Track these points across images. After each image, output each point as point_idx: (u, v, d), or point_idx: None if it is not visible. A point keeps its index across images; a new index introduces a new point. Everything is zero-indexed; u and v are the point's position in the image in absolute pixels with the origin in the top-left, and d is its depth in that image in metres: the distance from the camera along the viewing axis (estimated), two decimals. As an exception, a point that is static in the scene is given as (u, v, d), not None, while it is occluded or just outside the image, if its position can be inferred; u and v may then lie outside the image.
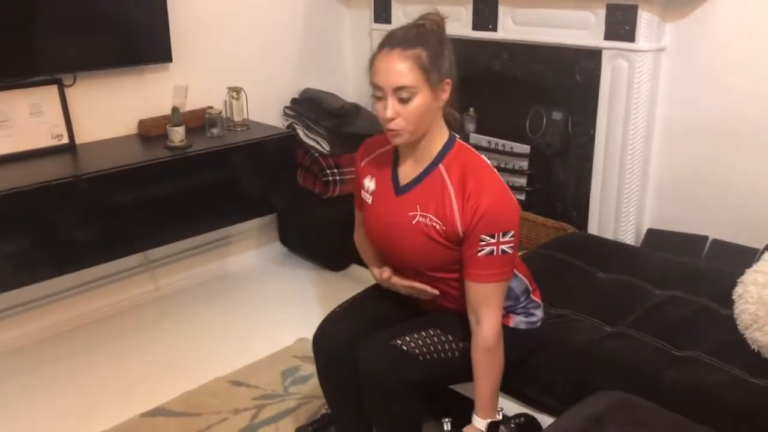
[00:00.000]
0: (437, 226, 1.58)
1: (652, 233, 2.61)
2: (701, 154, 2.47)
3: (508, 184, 3.00)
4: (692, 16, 2.37)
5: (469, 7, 2.87)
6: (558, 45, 2.63)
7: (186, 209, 2.64)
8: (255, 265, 3.32)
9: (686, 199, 2.55)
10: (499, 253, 1.54)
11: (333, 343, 1.71)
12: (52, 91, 2.55)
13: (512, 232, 1.54)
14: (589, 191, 2.71)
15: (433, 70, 1.50)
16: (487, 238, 1.53)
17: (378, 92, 1.53)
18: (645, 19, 2.37)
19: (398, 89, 1.49)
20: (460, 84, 1.62)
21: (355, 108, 3.16)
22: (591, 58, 2.57)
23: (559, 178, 2.86)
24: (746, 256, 2.15)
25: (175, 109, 2.63)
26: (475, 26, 2.88)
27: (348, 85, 3.50)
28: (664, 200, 2.62)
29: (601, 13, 2.46)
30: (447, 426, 1.58)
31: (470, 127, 3.16)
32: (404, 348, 1.58)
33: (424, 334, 1.63)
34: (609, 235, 2.64)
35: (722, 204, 2.45)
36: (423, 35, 1.53)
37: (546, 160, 2.89)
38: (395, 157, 1.69)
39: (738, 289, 1.87)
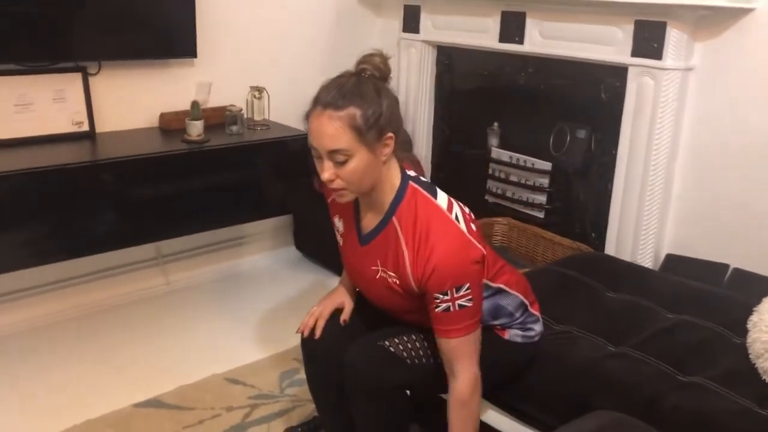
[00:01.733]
0: (396, 281, 1.53)
1: (670, 258, 2.53)
2: (726, 180, 2.38)
3: (527, 201, 3.01)
4: (723, 35, 2.30)
5: (497, 19, 2.84)
6: (584, 60, 2.59)
7: (200, 203, 2.63)
8: (267, 267, 3.30)
9: (708, 226, 2.46)
10: (456, 308, 1.45)
11: (321, 344, 1.67)
12: (77, 78, 2.58)
13: (467, 285, 1.44)
14: (608, 212, 2.64)
15: (369, 129, 1.40)
16: (440, 296, 1.45)
17: (314, 152, 1.46)
18: (674, 37, 2.31)
19: (332, 153, 1.42)
20: (485, 97, 1.54)
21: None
22: (617, 75, 2.51)
23: (579, 197, 2.79)
24: None
25: (194, 104, 2.64)
26: (502, 38, 2.84)
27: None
28: (685, 225, 2.54)
29: (629, 29, 2.41)
30: None
31: (493, 141, 3.11)
32: (391, 349, 1.54)
33: (414, 337, 1.58)
34: (626, 258, 2.56)
35: (746, 232, 2.35)
36: (358, 87, 1.42)
37: (567, 178, 2.83)
38: (356, 203, 1.62)
39: (753, 317, 1.79)
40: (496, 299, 1.64)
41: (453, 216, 1.49)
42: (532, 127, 2.96)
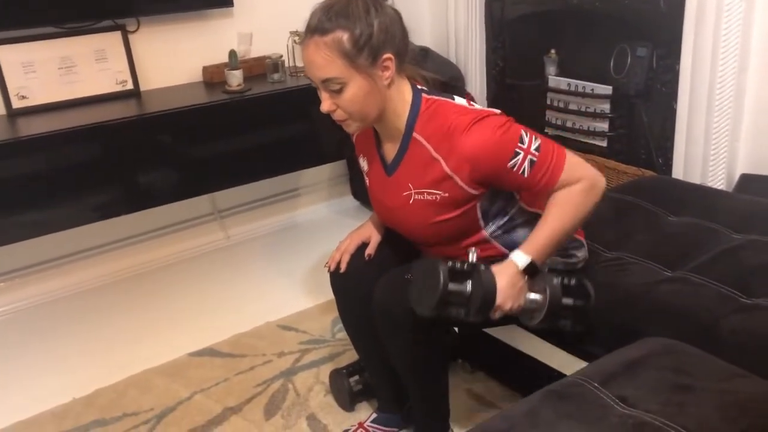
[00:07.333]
0: (438, 198, 1.43)
1: (746, 179, 2.30)
2: (806, 86, 2.14)
3: (589, 130, 2.82)
4: None
5: (543, -66, 2.64)
6: (639, -31, 2.37)
7: (250, 153, 2.63)
8: (325, 217, 3.27)
9: (788, 140, 2.22)
10: (536, 153, 1.37)
11: (347, 278, 1.64)
12: (116, 37, 2.59)
13: (522, 134, 1.37)
14: (674, 134, 2.43)
15: (359, 53, 1.33)
16: (513, 161, 1.36)
17: (312, 83, 1.40)
18: (737, -72, 2.06)
19: (325, 82, 1.35)
20: (539, 22, 1.40)
21: (423, 51, 3.01)
22: (676, -20, 2.28)
23: (643, 120, 2.59)
24: None
25: (231, 53, 2.60)
26: (549, -46, 2.64)
27: (424, 28, 3.32)
28: (761, 141, 2.30)
29: (686, -76, 2.17)
30: (472, 256, 1.38)
31: (551, 69, 2.93)
32: (419, 281, 1.46)
33: (444, 268, 1.49)
34: (696, 182, 2.36)
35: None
36: (346, 8, 1.34)
37: (629, 102, 2.62)
38: (376, 134, 1.54)
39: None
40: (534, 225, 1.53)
41: (476, 107, 1.42)
42: (590, 50, 2.75)
